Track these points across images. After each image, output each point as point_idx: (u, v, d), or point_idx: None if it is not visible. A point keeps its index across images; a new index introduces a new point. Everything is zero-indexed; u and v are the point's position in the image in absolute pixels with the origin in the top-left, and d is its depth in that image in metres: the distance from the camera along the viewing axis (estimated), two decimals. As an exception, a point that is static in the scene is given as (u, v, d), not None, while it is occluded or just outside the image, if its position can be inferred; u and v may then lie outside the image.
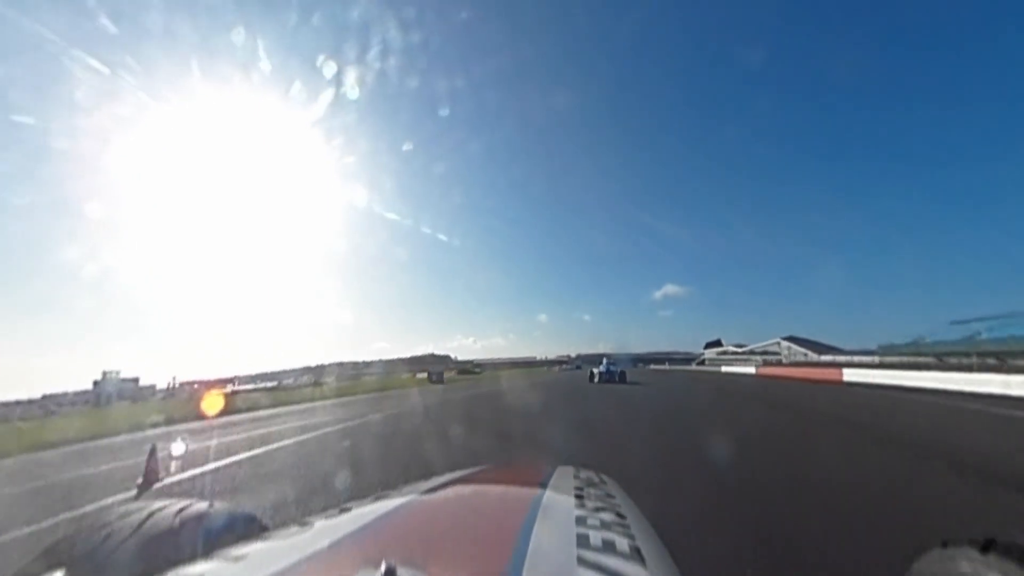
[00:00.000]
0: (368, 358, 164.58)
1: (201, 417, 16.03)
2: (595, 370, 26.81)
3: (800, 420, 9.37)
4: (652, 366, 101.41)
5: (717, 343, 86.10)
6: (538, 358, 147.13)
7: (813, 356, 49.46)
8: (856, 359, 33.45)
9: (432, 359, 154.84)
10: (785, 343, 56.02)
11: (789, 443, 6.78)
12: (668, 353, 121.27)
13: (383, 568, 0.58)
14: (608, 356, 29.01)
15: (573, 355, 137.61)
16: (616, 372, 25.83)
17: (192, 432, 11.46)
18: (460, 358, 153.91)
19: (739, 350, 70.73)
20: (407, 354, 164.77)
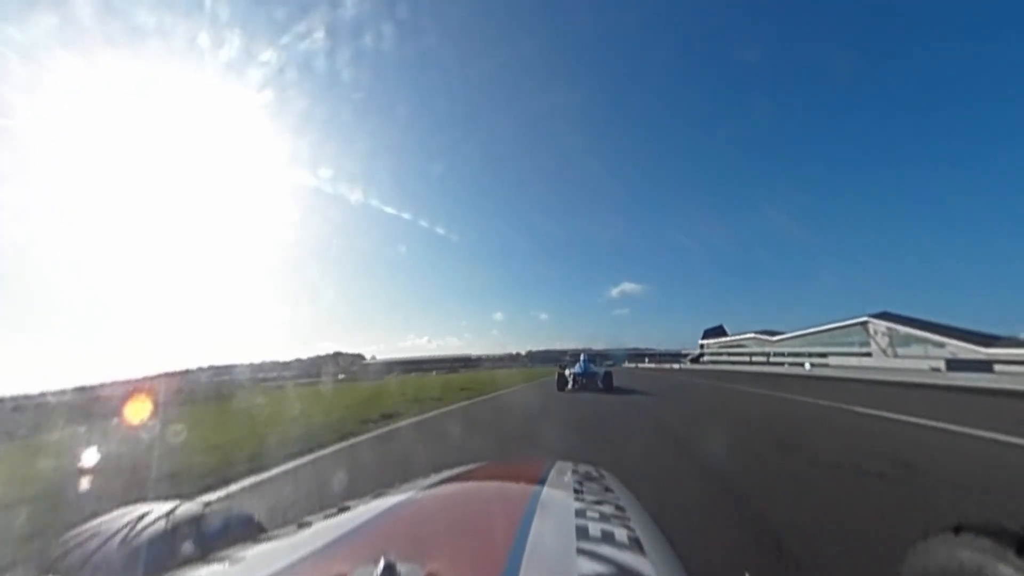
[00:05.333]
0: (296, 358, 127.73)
1: None
2: (568, 371, 16.66)
3: None
4: (627, 364, 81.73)
5: (719, 331, 66.36)
6: (472, 356, 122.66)
7: (961, 346, 29.15)
8: None
9: (338, 358, 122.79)
10: (881, 324, 35.53)
11: None
12: (639, 349, 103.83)
13: (382, 564, 0.57)
14: (586, 352, 22.18)
15: (523, 352, 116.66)
16: (599, 375, 15.84)
17: None
18: (409, 357, 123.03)
19: (771, 338, 50.29)
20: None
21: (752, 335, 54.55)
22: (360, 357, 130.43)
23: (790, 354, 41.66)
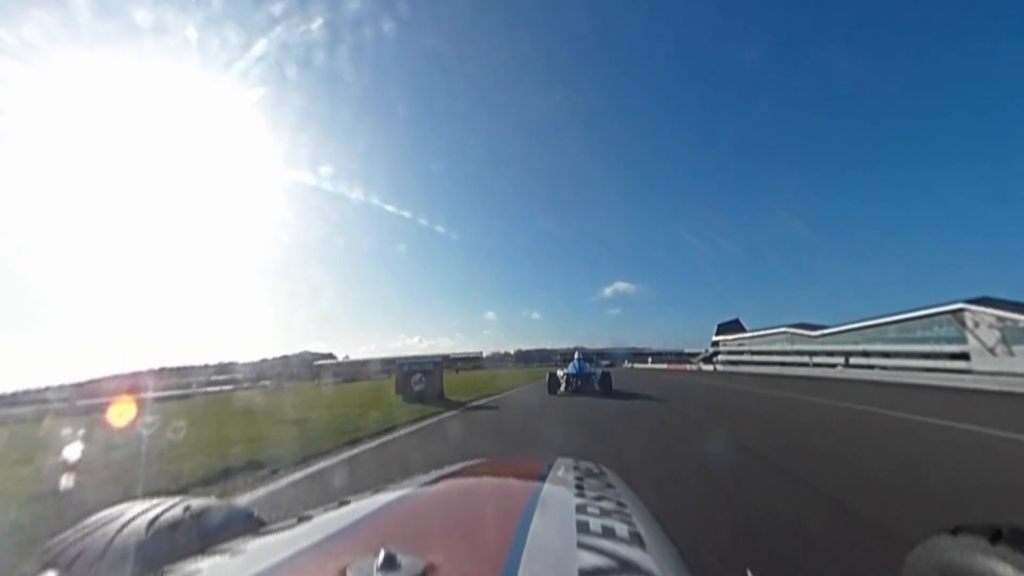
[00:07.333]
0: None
1: None
2: (560, 372, 15.38)
3: None
4: (627, 364, 74.83)
5: (735, 326, 60.01)
6: (451, 355, 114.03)
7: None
8: None
9: (311, 357, 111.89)
10: (985, 313, 28.91)
11: None
12: (638, 349, 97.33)
13: (382, 556, 0.58)
14: (581, 351, 19.02)
15: (512, 351, 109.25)
16: (595, 376, 14.66)
17: None
18: (385, 356, 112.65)
19: (811, 333, 43.76)
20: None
21: (784, 329, 48.44)
22: (331, 356, 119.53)
23: (902, 353, 30.78)
